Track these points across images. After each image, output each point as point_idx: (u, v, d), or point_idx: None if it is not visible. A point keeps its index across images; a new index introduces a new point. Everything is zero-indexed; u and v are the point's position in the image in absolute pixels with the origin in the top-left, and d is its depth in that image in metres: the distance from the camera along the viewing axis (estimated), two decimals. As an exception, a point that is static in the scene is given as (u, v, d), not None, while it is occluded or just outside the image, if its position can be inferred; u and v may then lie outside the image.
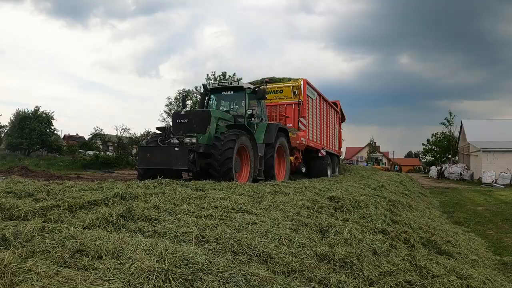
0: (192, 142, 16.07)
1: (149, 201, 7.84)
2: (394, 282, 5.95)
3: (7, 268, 3.61)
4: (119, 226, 6.14)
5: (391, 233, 8.57)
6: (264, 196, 9.98)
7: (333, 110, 33.76)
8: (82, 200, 7.28)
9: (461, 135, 73.98)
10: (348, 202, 9.87)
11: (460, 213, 21.36)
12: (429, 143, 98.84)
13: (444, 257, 8.76)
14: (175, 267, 4.09)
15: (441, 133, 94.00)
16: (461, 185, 48.54)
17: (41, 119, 63.07)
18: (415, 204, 17.53)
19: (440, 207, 23.65)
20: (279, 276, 4.94)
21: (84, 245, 4.63)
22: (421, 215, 14.53)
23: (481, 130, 63.23)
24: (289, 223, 7.27)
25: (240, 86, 19.94)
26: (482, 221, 18.92)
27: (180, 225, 6.23)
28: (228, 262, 4.66)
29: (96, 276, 3.81)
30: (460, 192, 35.44)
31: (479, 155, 56.91)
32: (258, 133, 19.24)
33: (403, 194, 19.64)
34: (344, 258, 6.09)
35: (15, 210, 6.25)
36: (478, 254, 10.81)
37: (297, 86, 24.85)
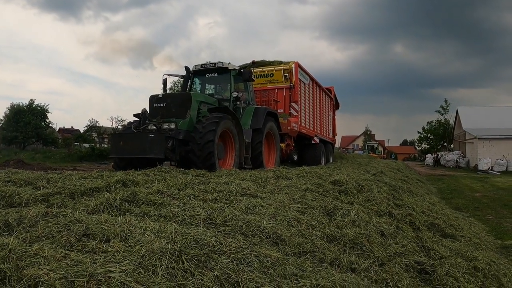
0: (171, 128, 14.82)
1: (151, 187, 7.76)
2: (404, 262, 5.94)
3: (12, 253, 3.49)
4: (123, 210, 6.06)
5: (397, 215, 8.57)
6: (267, 180, 9.95)
7: (327, 96, 32.81)
8: (83, 187, 7.22)
9: (457, 123, 74.09)
10: (352, 186, 9.81)
11: (459, 199, 21.36)
12: (424, 131, 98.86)
13: (449, 240, 8.78)
14: (187, 248, 3.98)
15: (436, 121, 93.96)
16: (457, 172, 48.63)
17: (36, 112, 63.05)
18: (415, 190, 17.50)
19: (438, 194, 23.60)
20: (291, 257, 4.87)
21: (91, 229, 4.53)
22: (422, 200, 14.51)
23: (477, 118, 63.29)
24: (295, 206, 7.22)
25: (224, 68, 18.31)
26: (480, 206, 18.97)
27: (186, 209, 6.16)
28: (239, 243, 4.58)
29: (106, 259, 3.70)
30: (457, 179, 35.46)
31: (475, 143, 57.00)
32: (244, 117, 18.14)
33: (402, 180, 19.59)
34: (353, 239, 6.06)
35: (16, 197, 6.17)
36: (480, 238, 10.83)
37: (289, 69, 23.79)
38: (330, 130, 34.09)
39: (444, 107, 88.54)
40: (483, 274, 6.89)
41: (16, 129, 59.65)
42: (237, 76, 18.34)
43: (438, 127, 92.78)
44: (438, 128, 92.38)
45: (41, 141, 66.05)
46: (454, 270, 6.23)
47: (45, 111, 65.19)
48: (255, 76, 22.98)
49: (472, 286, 6.14)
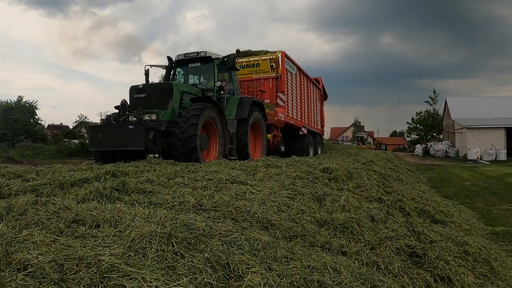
0: (152, 119, 14.24)
1: (141, 177, 7.75)
2: (395, 246, 5.96)
3: (1, 239, 3.50)
4: (113, 199, 6.07)
5: (387, 201, 8.62)
6: (257, 169, 9.96)
7: (315, 87, 32.27)
8: (73, 179, 7.25)
9: (446, 113, 74.42)
10: (342, 173, 9.85)
11: (448, 188, 21.49)
12: (413, 121, 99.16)
13: (439, 225, 8.84)
14: (177, 232, 3.99)
15: (425, 112, 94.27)
16: (446, 162, 48.99)
17: (25, 109, 62.83)
18: (405, 178, 17.61)
19: (428, 183, 23.75)
20: (282, 241, 4.89)
21: (80, 215, 4.55)
22: (412, 187, 14.60)
23: (465, 108, 63.45)
24: (285, 192, 7.24)
25: (207, 57, 17.67)
26: (470, 194, 19.08)
27: (176, 196, 6.18)
28: (229, 227, 4.59)
29: (96, 243, 3.71)
30: (447, 169, 35.64)
31: (464, 132, 57.23)
32: (229, 107, 17.55)
33: (392, 169, 19.63)
34: (344, 224, 6.09)
35: (5, 188, 6.22)
36: (470, 224, 10.92)
37: (275, 59, 23.26)
38: (319, 121, 33.61)
39: (433, 98, 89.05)
40: (473, 258, 6.94)
41: (4, 126, 59.43)
42: (221, 65, 17.91)
43: (427, 117, 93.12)
44: (427, 118, 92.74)
45: (30, 138, 65.87)
46: (445, 254, 6.26)
47: (33, 108, 64.97)
48: (241, 66, 22.85)
49: (463, 269, 6.18)
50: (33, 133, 64.42)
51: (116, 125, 14.23)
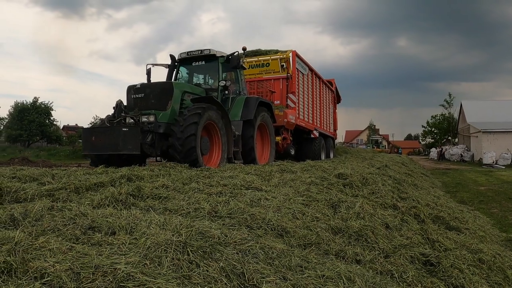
0: (150, 121, 13.47)
1: (156, 181, 7.76)
2: (409, 254, 5.94)
3: (18, 246, 3.53)
4: (128, 204, 6.08)
5: (401, 208, 8.57)
6: (271, 174, 9.94)
7: (328, 89, 31.40)
8: (88, 183, 7.24)
9: (461, 117, 74.00)
10: (356, 179, 9.82)
11: (463, 193, 21.30)
12: (428, 125, 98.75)
13: (453, 232, 8.77)
14: (192, 240, 4.01)
15: (440, 115, 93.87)
16: (461, 166, 48.58)
17: (40, 110, 63.11)
18: (420, 183, 17.51)
19: (443, 187, 23.57)
20: (296, 249, 4.88)
21: (96, 222, 4.57)
22: (427, 193, 14.52)
23: (481, 111, 63.15)
24: (300, 199, 7.23)
25: (212, 55, 16.56)
26: (485, 200, 18.88)
27: (191, 202, 6.18)
28: (244, 235, 4.60)
29: (112, 251, 3.73)
30: (462, 173, 35.40)
31: (479, 136, 56.93)
32: (234, 108, 16.56)
33: (407, 174, 19.55)
34: (358, 231, 6.08)
35: (21, 192, 6.19)
36: (485, 230, 10.82)
37: (285, 58, 22.49)
38: (331, 124, 32.86)
39: (448, 101, 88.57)
40: (488, 266, 6.89)
41: (20, 127, 59.75)
42: (226, 64, 16.81)
43: (442, 121, 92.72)
44: (443, 122, 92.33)
45: (46, 139, 66.16)
46: (459, 262, 6.23)
47: (49, 109, 65.27)
48: (251, 66, 22.75)
49: (477, 278, 6.14)
50: (49, 134, 64.70)
51: (109, 127, 13.30)
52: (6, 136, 63.42)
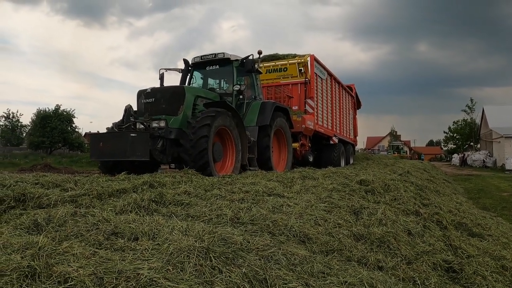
0: (160, 127, 12.95)
1: (178, 188, 7.78)
2: (432, 261, 5.91)
3: (42, 251, 3.58)
4: (151, 211, 6.10)
5: (424, 214, 8.53)
6: (293, 181, 9.94)
7: (348, 94, 30.47)
8: (110, 189, 7.26)
9: (483, 122, 73.57)
10: (378, 185, 9.79)
11: (486, 199, 21.14)
12: (450, 130, 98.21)
13: (476, 239, 8.69)
14: (215, 246, 4.03)
15: (462, 121, 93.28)
16: (484, 172, 48.23)
17: (62, 117, 63.32)
18: (442, 190, 17.40)
19: (465, 194, 23.40)
20: (318, 255, 4.87)
21: (119, 228, 4.61)
22: (449, 199, 14.43)
23: (503, 116, 62.60)
24: (322, 205, 7.22)
25: (226, 59, 16.05)
26: (508, 206, 18.70)
27: (213, 209, 6.19)
28: (266, 241, 4.60)
29: (135, 256, 3.76)
30: (484, 179, 35.13)
31: (502, 142, 56.55)
32: (250, 113, 16.03)
33: (429, 180, 19.43)
34: (380, 238, 6.05)
35: (44, 198, 6.22)
36: (507, 237, 10.70)
37: (303, 62, 21.84)
38: (351, 130, 31.96)
39: (470, 106, 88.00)
40: (511, 273, 6.83)
41: (42, 134, 59.99)
42: (241, 68, 16.14)
43: (464, 126, 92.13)
44: (464, 127, 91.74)
45: (68, 146, 66.39)
46: (482, 269, 6.19)
47: (71, 116, 65.50)
48: (268, 70, 22.41)
49: (501, 285, 6.10)
50: (70, 141, 64.93)
51: (117, 133, 13.05)
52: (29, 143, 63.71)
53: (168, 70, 17.59)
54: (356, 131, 33.69)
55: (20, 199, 6.08)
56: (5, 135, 70.70)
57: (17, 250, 3.68)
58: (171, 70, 17.72)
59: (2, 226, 4.80)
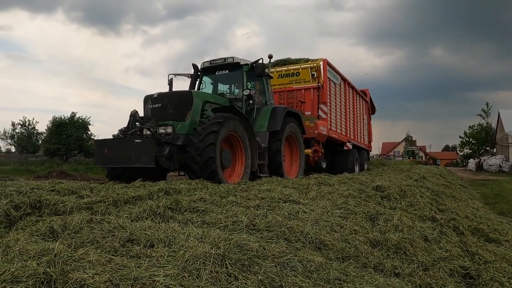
0: (167, 133, 12.68)
1: (194, 195, 7.79)
2: (449, 267, 5.86)
3: (57, 257, 3.59)
4: (167, 217, 6.11)
5: (440, 220, 8.49)
6: (309, 187, 9.92)
7: (362, 99, 30.15)
8: (126, 196, 7.28)
9: (499, 126, 73.17)
10: (394, 191, 9.76)
11: (503, 204, 20.92)
12: (466, 135, 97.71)
13: (493, 244, 8.62)
14: (231, 253, 4.02)
15: (478, 125, 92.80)
16: (500, 177, 47.87)
17: (78, 125, 63.59)
18: (458, 195, 17.30)
19: (482, 199, 23.22)
20: (334, 262, 4.85)
21: (135, 235, 4.62)
22: (465, 205, 14.33)
23: (520, 120, 62.30)
24: (338, 212, 7.20)
25: (235, 63, 15.73)
26: (526, 211, 18.51)
27: (229, 215, 6.19)
28: (282, 248, 4.58)
29: (150, 263, 3.76)
30: (501, 184, 34.84)
31: (518, 146, 56.18)
32: (260, 119, 15.73)
33: (445, 185, 19.33)
34: (397, 244, 6.02)
35: (60, 205, 6.23)
36: (525, 242, 10.63)
37: (316, 67, 21.57)
38: (366, 136, 31.60)
39: (485, 110, 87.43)
40: (529, 278, 6.78)
41: (58, 141, 60.29)
42: (251, 72, 15.84)
43: (480, 131, 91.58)
44: (480, 132, 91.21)
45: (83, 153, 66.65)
46: (499, 275, 6.13)
47: (86, 124, 65.78)
48: (280, 75, 22.22)
49: (518, 291, 6.05)
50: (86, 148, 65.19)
51: (121, 139, 12.77)
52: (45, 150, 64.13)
53: (177, 75, 17.35)
54: (370, 137, 33.35)
55: (36, 206, 6.09)
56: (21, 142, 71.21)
57: (33, 256, 3.70)
58: (180, 75, 17.49)
59: (18, 232, 4.83)
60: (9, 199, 6.23)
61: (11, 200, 6.13)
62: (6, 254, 3.84)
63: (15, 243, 4.14)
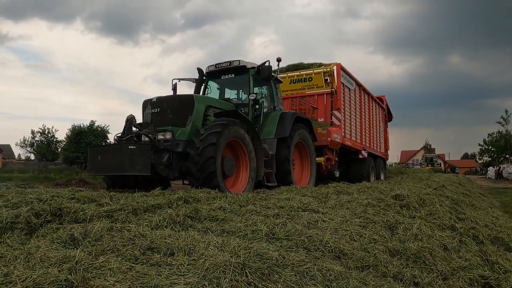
0: (166, 139, 11.94)
1: (213, 203, 7.80)
2: (468, 277, 5.81)
3: (78, 265, 3.63)
4: (186, 226, 6.12)
5: (460, 229, 8.45)
6: (328, 196, 9.89)
7: (378, 106, 29.11)
8: (146, 204, 7.29)
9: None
10: (414, 200, 9.70)
11: (523, 213, 20.79)
12: (485, 143, 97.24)
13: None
14: (251, 262, 4.04)
15: (497, 133, 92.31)
16: (520, 185, 47.51)
17: (97, 133, 63.92)
18: (478, 203, 17.18)
19: (501, 207, 23.03)
20: (354, 271, 4.84)
21: (155, 243, 4.64)
22: (485, 213, 14.25)
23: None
24: (357, 221, 7.19)
25: (242, 66, 14.89)
26: (546, 220, 18.35)
27: (249, 224, 6.19)
28: (302, 257, 4.59)
29: (171, 272, 3.79)
30: (521, 192, 34.57)
31: (538, 154, 55.77)
32: (268, 125, 15.01)
33: (464, 194, 19.17)
34: (416, 253, 5.98)
35: (80, 213, 6.26)
36: (546, 252, 10.54)
37: (329, 72, 20.62)
38: (382, 143, 30.31)
39: (504, 118, 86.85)
40: (550, 288, 6.73)
41: (77, 149, 60.62)
42: (258, 76, 15.02)
43: (499, 138, 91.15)
44: (500, 139, 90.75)
45: (102, 161, 66.86)
46: (519, 284, 6.11)
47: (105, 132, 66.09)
48: (292, 81, 21.71)
49: (539, 301, 6.01)
50: (105, 157, 65.35)
51: (115, 146, 12.48)
52: (64, 158, 64.51)
53: (182, 80, 16.61)
54: (387, 145, 32.41)
55: (57, 214, 6.13)
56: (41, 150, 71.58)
57: (54, 263, 3.75)
58: (185, 80, 16.66)
59: (39, 240, 4.88)
60: (30, 206, 6.26)
61: (32, 207, 6.16)
62: (27, 261, 3.89)
63: (36, 250, 4.18)
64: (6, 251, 4.21)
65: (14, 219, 5.68)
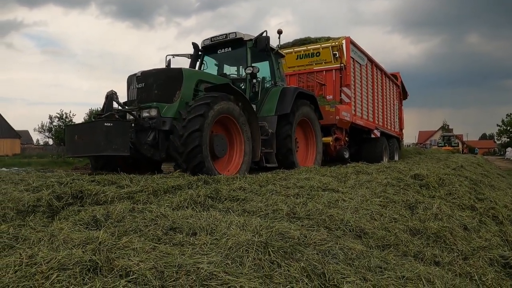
0: (151, 116, 10.86)
1: (233, 184, 7.84)
2: (488, 256, 5.80)
3: (102, 245, 3.64)
4: (207, 206, 6.17)
5: (479, 209, 8.42)
6: (347, 176, 9.90)
7: (392, 83, 27.39)
8: (166, 185, 7.32)
9: (538, 114, 72.05)
10: (433, 180, 9.67)
11: (542, 194, 20.64)
12: (504, 123, 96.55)
13: (534, 234, 8.53)
14: (273, 241, 4.06)
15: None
16: (539, 165, 47.17)
17: (114, 117, 64.06)
18: (497, 184, 17.09)
19: (520, 189, 22.90)
20: (375, 250, 4.86)
21: (177, 223, 4.68)
22: (504, 194, 14.16)
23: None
24: (377, 200, 7.19)
25: (238, 39, 13.83)
26: None
27: (269, 204, 6.23)
28: (323, 236, 4.61)
29: (194, 251, 3.82)
30: (539, 173, 34.32)
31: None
32: (268, 101, 14.07)
33: (483, 174, 19.05)
34: (437, 233, 5.99)
35: (101, 195, 6.30)
36: None
37: (338, 46, 19.52)
38: (396, 123, 28.66)
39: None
40: None
41: (95, 133, 60.87)
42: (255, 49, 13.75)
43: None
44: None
45: (120, 145, 67.19)
46: (540, 264, 6.09)
47: (123, 116, 66.22)
48: (299, 56, 20.67)
49: (560, 281, 5.99)
50: (123, 140, 65.64)
51: (91, 123, 11.62)
52: (82, 142, 64.87)
53: (176, 56, 15.46)
54: (402, 124, 30.67)
55: (78, 196, 6.18)
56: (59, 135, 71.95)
57: (77, 245, 3.77)
58: (180, 55, 15.56)
59: (61, 222, 4.92)
60: (51, 189, 6.33)
61: (53, 190, 6.22)
62: (51, 242, 3.92)
63: (59, 232, 4.22)
64: (30, 234, 4.25)
65: (36, 202, 5.74)
